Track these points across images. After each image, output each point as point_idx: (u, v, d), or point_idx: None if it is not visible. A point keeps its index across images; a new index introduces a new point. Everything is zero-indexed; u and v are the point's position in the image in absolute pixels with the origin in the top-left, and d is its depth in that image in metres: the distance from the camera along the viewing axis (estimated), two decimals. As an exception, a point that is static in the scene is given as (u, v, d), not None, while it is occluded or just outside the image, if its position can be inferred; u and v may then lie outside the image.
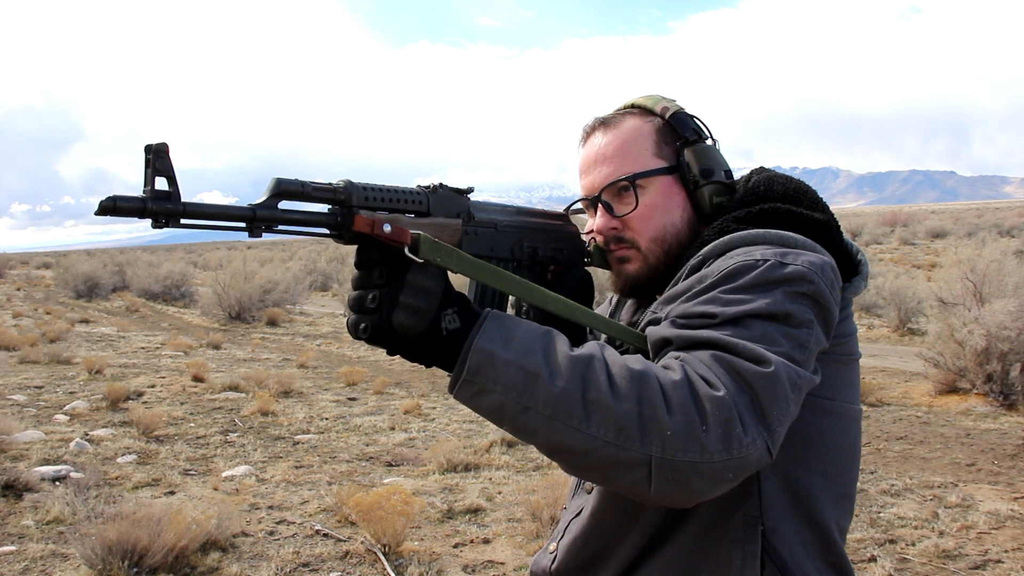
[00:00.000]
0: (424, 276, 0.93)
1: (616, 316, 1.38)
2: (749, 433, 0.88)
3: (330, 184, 0.94)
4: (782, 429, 0.92)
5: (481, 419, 6.61)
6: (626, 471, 0.87)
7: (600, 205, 1.23)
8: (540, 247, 1.23)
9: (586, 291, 1.30)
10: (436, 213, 1.05)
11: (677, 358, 0.95)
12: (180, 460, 5.42)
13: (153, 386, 8.05)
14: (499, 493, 4.72)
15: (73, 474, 4.89)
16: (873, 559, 3.72)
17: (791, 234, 1.08)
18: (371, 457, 5.60)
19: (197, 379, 8.26)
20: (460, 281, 1.01)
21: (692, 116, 1.24)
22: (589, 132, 1.27)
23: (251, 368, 9.24)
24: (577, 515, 1.21)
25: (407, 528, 3.86)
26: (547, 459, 5.23)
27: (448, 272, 0.96)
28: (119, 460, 5.32)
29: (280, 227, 0.91)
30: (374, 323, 0.92)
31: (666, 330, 1.01)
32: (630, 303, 1.36)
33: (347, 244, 0.95)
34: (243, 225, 0.89)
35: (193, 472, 5.18)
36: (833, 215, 1.17)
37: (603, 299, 1.48)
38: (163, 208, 0.82)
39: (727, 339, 0.94)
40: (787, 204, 1.14)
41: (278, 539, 4.00)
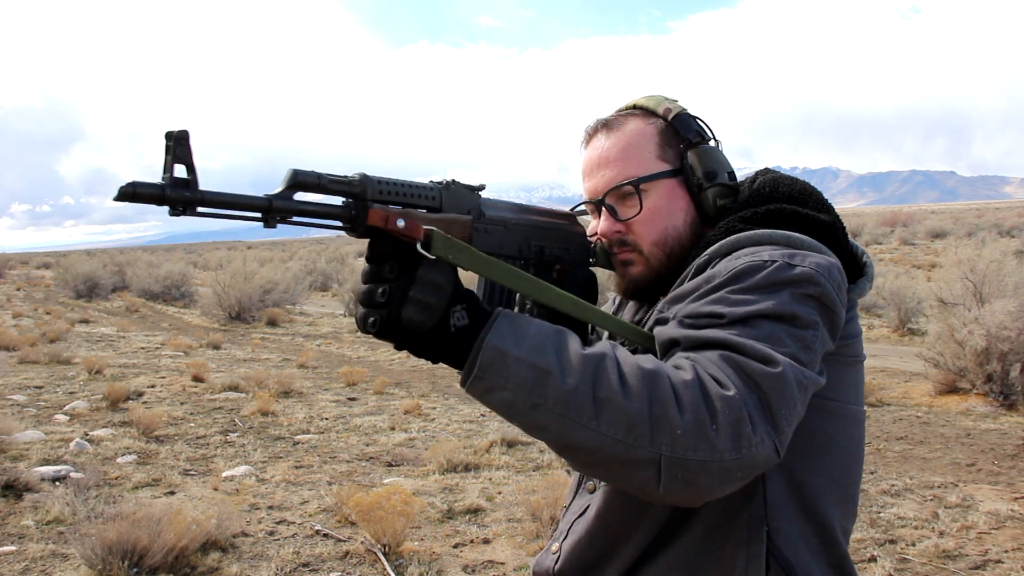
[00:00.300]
0: (435, 272, 0.93)
1: (619, 315, 1.38)
2: (758, 432, 0.88)
3: (345, 177, 0.94)
4: (789, 429, 0.92)
5: (481, 419, 6.62)
6: (636, 469, 0.88)
7: (604, 209, 1.23)
8: (547, 246, 1.23)
9: (591, 291, 1.30)
10: (448, 209, 1.05)
11: (687, 358, 0.95)
12: (180, 460, 5.42)
13: (153, 386, 8.05)
14: (499, 493, 4.72)
15: (73, 474, 4.89)
16: (873, 559, 3.72)
17: (797, 235, 1.08)
18: (371, 457, 5.60)
19: (197, 379, 8.26)
20: (467, 279, 1.02)
21: (695, 117, 1.23)
22: (591, 134, 1.26)
23: (251, 368, 9.24)
24: (581, 515, 1.21)
25: (407, 528, 3.86)
26: (547, 459, 5.20)
27: (458, 269, 0.97)
28: (119, 460, 5.32)
29: (295, 218, 0.91)
30: (383, 318, 0.92)
31: (674, 330, 1.01)
32: (633, 303, 1.36)
33: (360, 237, 0.95)
34: (259, 215, 0.89)
35: (193, 472, 5.18)
36: (838, 217, 1.18)
37: (606, 299, 1.48)
38: (181, 196, 0.82)
39: (735, 339, 0.94)
40: (793, 205, 1.14)
41: (278, 539, 4.00)
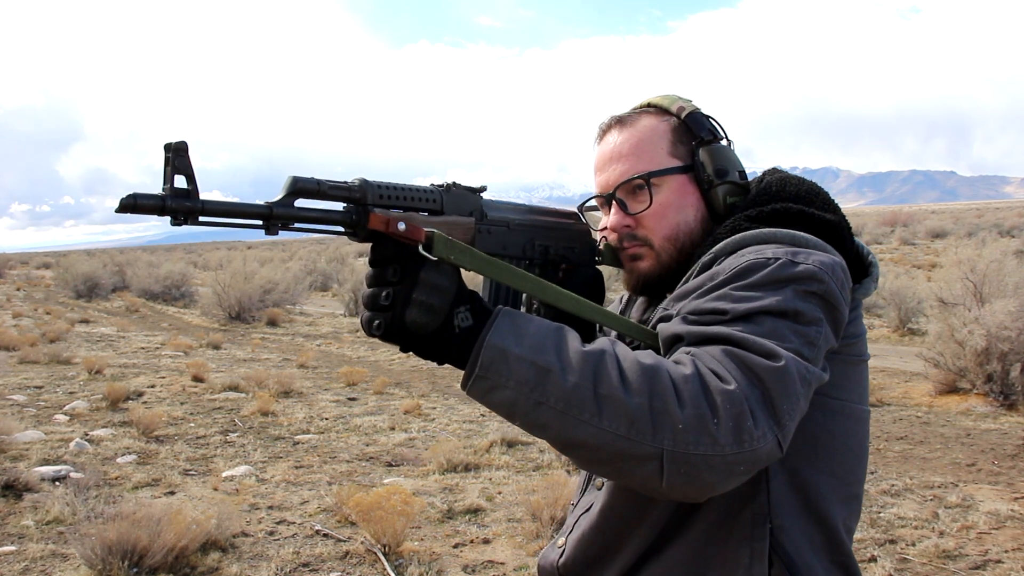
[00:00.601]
0: (437, 274, 0.93)
1: (627, 314, 1.38)
2: (760, 427, 0.89)
3: (346, 182, 0.94)
4: (792, 423, 0.92)
5: (481, 419, 6.62)
6: (638, 465, 0.88)
7: (614, 202, 1.24)
8: (552, 245, 1.24)
9: (597, 289, 1.30)
10: (450, 211, 1.05)
11: (688, 353, 0.95)
12: (180, 460, 5.42)
13: (153, 386, 8.04)
14: (499, 493, 4.72)
15: (73, 474, 4.89)
16: (873, 559, 3.72)
17: (802, 234, 1.09)
18: (371, 457, 5.60)
19: (197, 379, 8.26)
20: (472, 280, 1.02)
21: (708, 116, 1.25)
22: (605, 130, 1.28)
23: (251, 368, 9.24)
24: (587, 511, 1.22)
25: (407, 528, 3.86)
26: (547, 459, 5.20)
27: (461, 270, 0.97)
28: (119, 460, 5.32)
29: (296, 225, 0.92)
30: (387, 320, 0.93)
31: (677, 327, 1.01)
32: (640, 301, 1.37)
33: (362, 242, 0.96)
34: (260, 223, 0.89)
35: (193, 472, 5.18)
36: (844, 216, 1.18)
37: (613, 297, 1.48)
38: (182, 206, 0.83)
39: (738, 334, 0.95)
40: (799, 204, 1.15)
41: (278, 539, 4.00)
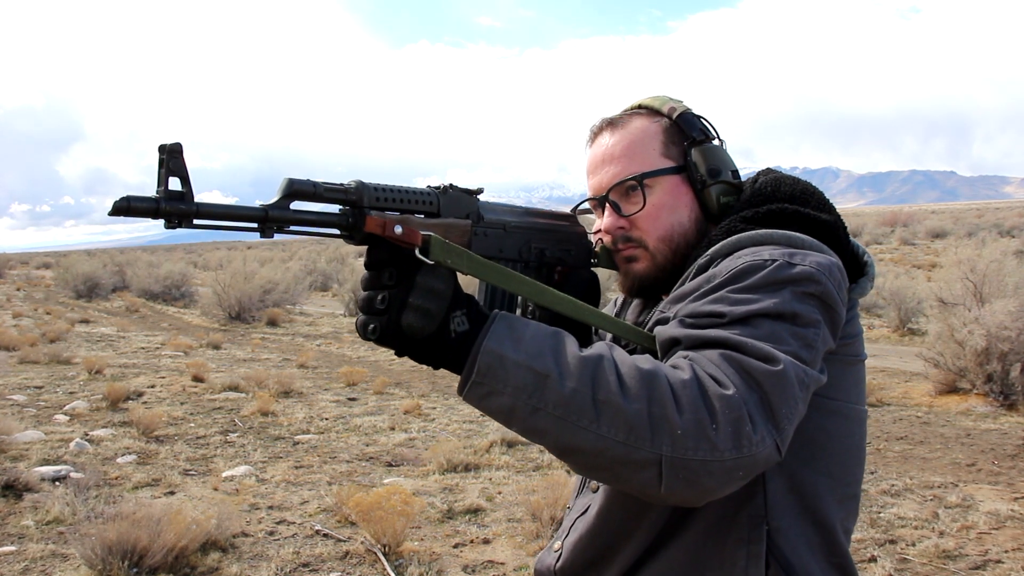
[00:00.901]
0: (434, 278, 0.93)
1: (622, 317, 1.38)
2: (759, 431, 0.88)
3: (342, 184, 0.94)
4: (790, 427, 0.92)
5: (481, 419, 6.61)
6: (637, 470, 0.88)
7: (608, 204, 1.23)
8: (548, 248, 1.24)
9: (593, 292, 1.30)
10: (446, 214, 1.05)
11: (686, 357, 0.95)
12: (180, 460, 5.42)
13: (153, 386, 8.05)
14: (499, 493, 4.72)
15: (73, 474, 4.89)
16: (873, 559, 3.72)
17: (798, 235, 1.09)
18: (371, 457, 5.60)
19: (197, 379, 8.26)
20: (468, 283, 1.02)
21: (699, 117, 1.24)
22: (596, 132, 1.27)
23: (251, 368, 9.24)
24: (583, 514, 1.21)
25: (407, 528, 3.86)
26: (547, 459, 5.20)
27: (457, 274, 0.96)
28: (119, 460, 5.32)
29: (292, 227, 0.91)
30: (383, 324, 0.92)
31: (675, 330, 1.01)
32: (636, 304, 1.36)
33: (358, 244, 0.95)
34: (255, 225, 0.89)
35: (193, 472, 5.18)
36: (840, 216, 1.18)
37: (608, 300, 1.48)
38: (176, 208, 0.82)
39: (736, 338, 0.94)
40: (794, 205, 1.15)
41: (278, 539, 4.00)
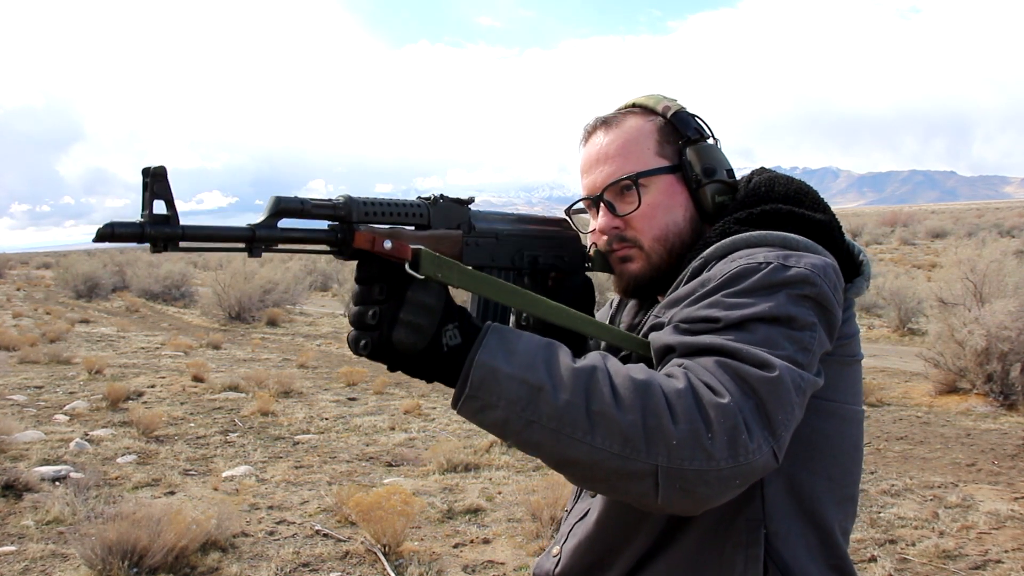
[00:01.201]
0: (424, 293, 0.92)
1: (617, 318, 1.37)
2: (755, 439, 0.88)
3: (330, 200, 0.93)
4: (787, 433, 0.92)
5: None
6: (633, 481, 0.87)
7: (602, 204, 1.22)
8: (541, 255, 1.23)
9: (587, 296, 1.29)
10: (437, 225, 1.04)
11: (680, 365, 0.94)
12: (180, 460, 5.42)
13: (153, 386, 8.04)
14: (499, 493, 4.72)
15: (73, 474, 4.89)
16: (873, 559, 3.72)
17: (793, 235, 1.08)
18: (371, 457, 5.60)
19: (197, 379, 8.26)
20: (460, 293, 1.01)
21: (694, 115, 1.23)
22: (590, 131, 1.26)
23: (251, 368, 9.24)
24: (581, 519, 1.21)
25: (407, 528, 3.86)
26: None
27: (450, 286, 0.96)
28: (119, 460, 5.32)
29: (280, 246, 0.91)
30: (374, 340, 0.92)
31: (669, 337, 1.01)
32: (631, 306, 1.36)
33: (348, 260, 0.95)
34: (242, 246, 0.89)
35: (193, 472, 5.18)
36: (834, 215, 1.17)
37: (604, 300, 1.47)
38: (161, 232, 0.82)
39: (730, 344, 0.94)
40: (789, 205, 1.14)
41: (278, 539, 4.00)
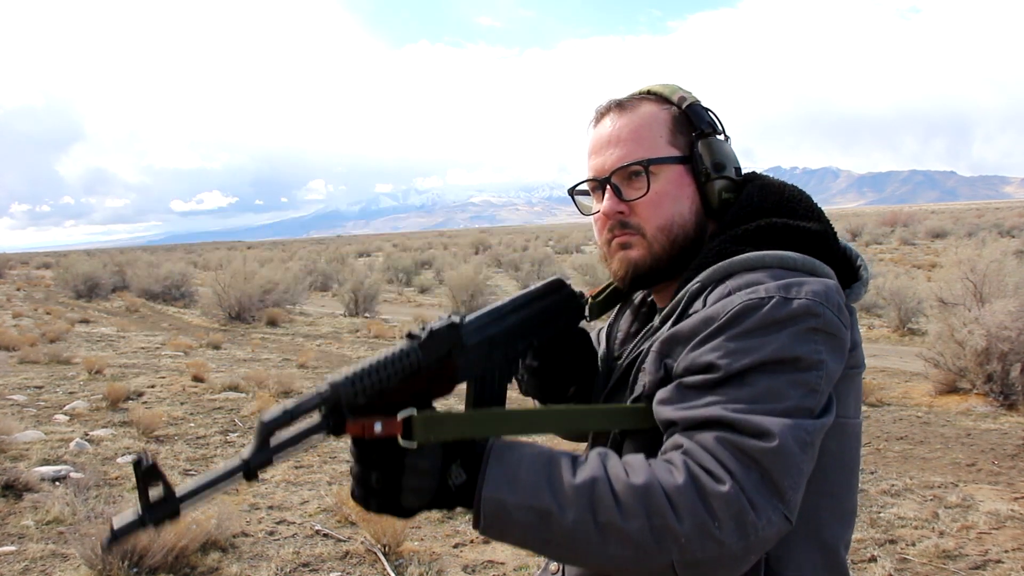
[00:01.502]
0: (422, 457, 0.96)
1: (615, 328, 1.36)
2: (763, 515, 0.91)
3: (318, 393, 0.94)
4: (797, 494, 0.95)
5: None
6: (653, 574, 0.94)
7: (608, 187, 1.20)
8: (536, 336, 1.21)
9: (586, 350, 1.29)
10: (430, 358, 1.03)
11: (680, 449, 0.97)
12: (180, 460, 5.42)
13: (153, 386, 8.04)
14: (499, 493, 4.72)
15: (73, 474, 4.89)
16: (873, 559, 3.72)
17: (790, 255, 1.08)
18: (371, 457, 5.60)
19: (197, 379, 8.26)
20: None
21: (707, 109, 1.22)
22: (603, 113, 1.24)
23: (251, 368, 9.24)
24: None
25: (407, 528, 3.86)
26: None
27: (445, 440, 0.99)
28: (119, 460, 5.32)
29: (277, 458, 0.93)
30: (381, 503, 0.97)
31: (672, 411, 1.01)
32: (627, 316, 1.34)
33: (344, 435, 0.97)
34: (242, 479, 0.91)
35: (193, 472, 5.17)
36: (828, 222, 1.17)
37: (601, 315, 1.45)
38: (161, 514, 0.88)
39: (729, 416, 0.95)
40: (783, 217, 1.13)
41: (278, 539, 4.00)
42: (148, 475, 0.88)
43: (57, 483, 4.70)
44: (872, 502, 4.50)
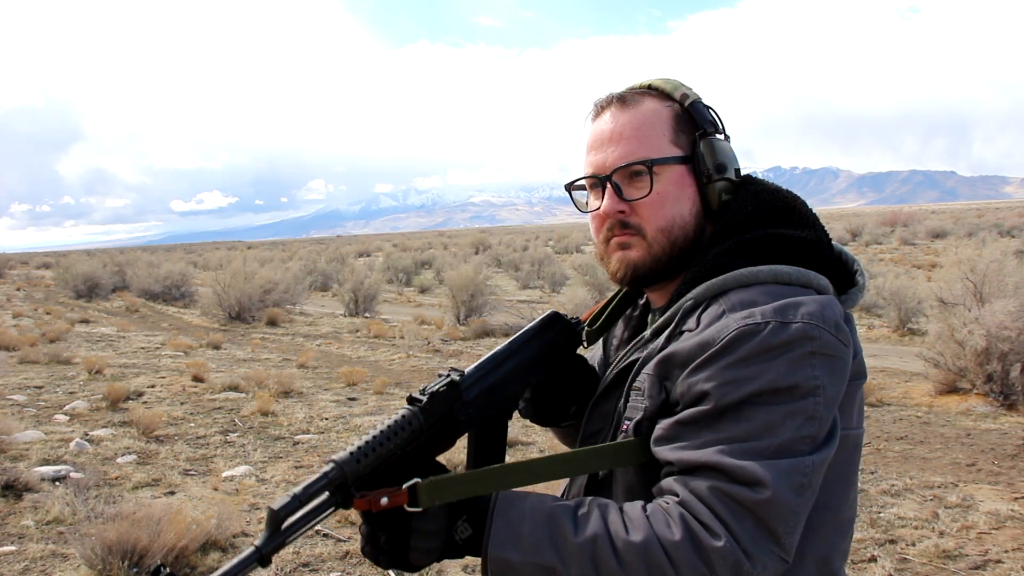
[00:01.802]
0: (427, 520, 0.99)
1: (610, 336, 1.35)
2: (758, 563, 0.94)
3: (325, 474, 0.95)
4: (794, 536, 0.97)
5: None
6: None
7: (609, 185, 1.16)
8: (535, 375, 1.21)
9: (584, 373, 1.29)
10: (432, 420, 1.06)
11: (677, 498, 0.99)
12: (180, 460, 5.42)
13: (153, 386, 8.04)
14: (499, 493, 4.72)
15: (73, 474, 4.89)
16: (873, 559, 3.72)
17: (783, 269, 1.06)
18: (371, 457, 5.60)
19: (197, 379, 8.26)
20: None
21: (709, 108, 1.19)
22: (603, 107, 1.20)
23: (251, 368, 9.24)
24: None
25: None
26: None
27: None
28: (119, 460, 5.32)
29: (290, 540, 0.94)
30: (391, 561, 1.00)
31: (669, 452, 1.03)
32: (621, 325, 1.33)
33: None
34: (257, 565, 0.91)
35: (193, 472, 5.18)
36: (823, 228, 1.16)
37: (597, 340, 1.41)
38: None
39: (725, 462, 0.96)
40: (776, 227, 1.12)
41: (278, 539, 3.99)
42: None
43: (57, 483, 4.70)
44: (872, 502, 4.50)
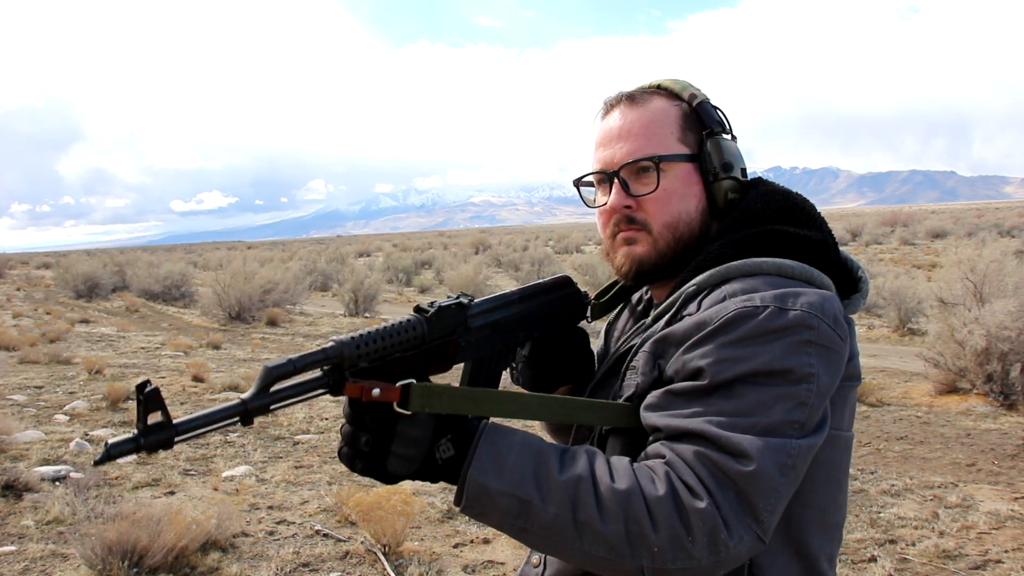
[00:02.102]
0: (413, 426, 0.97)
1: (613, 327, 1.37)
2: (735, 534, 0.93)
3: (323, 349, 0.95)
4: (773, 516, 0.95)
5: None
6: (623, 575, 0.96)
7: (616, 181, 1.19)
8: (537, 328, 1.24)
9: (583, 349, 1.31)
10: (434, 335, 1.05)
11: (663, 459, 0.98)
12: (180, 460, 5.42)
13: (153, 386, 8.04)
14: (499, 493, 4.72)
15: (73, 474, 4.89)
16: (873, 559, 3.72)
17: (788, 263, 1.07)
18: (371, 457, 5.60)
19: (197, 379, 8.26)
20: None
21: (717, 108, 1.22)
22: (612, 105, 1.23)
23: (251, 368, 9.24)
24: None
25: (407, 528, 3.86)
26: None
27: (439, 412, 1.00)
28: (119, 460, 5.32)
29: (275, 406, 0.93)
30: (368, 465, 0.98)
31: (658, 418, 1.02)
32: (627, 315, 1.35)
33: (341, 395, 0.98)
34: (237, 420, 0.91)
35: (193, 472, 5.18)
36: (830, 232, 1.17)
37: (603, 316, 1.44)
38: (156, 440, 0.88)
39: (711, 431, 0.96)
40: (784, 225, 1.13)
41: (278, 539, 4.00)
42: (150, 400, 0.88)
43: (57, 483, 4.70)
44: (872, 502, 4.50)
